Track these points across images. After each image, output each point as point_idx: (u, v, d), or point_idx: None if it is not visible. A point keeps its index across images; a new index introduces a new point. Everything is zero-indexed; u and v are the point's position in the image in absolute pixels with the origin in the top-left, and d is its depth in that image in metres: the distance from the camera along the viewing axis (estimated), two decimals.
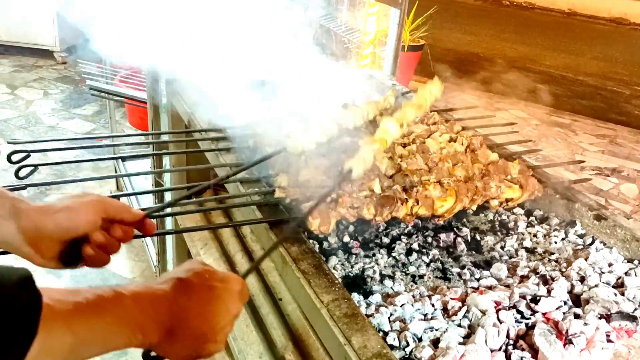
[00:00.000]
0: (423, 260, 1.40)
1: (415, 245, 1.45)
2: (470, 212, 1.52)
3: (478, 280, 1.33)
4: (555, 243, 1.50)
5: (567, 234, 1.53)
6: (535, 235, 1.54)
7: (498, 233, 1.56)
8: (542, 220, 1.61)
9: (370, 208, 1.29)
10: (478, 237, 1.53)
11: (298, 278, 1.10)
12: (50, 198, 3.47)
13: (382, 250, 1.43)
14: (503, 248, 1.48)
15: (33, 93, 5.24)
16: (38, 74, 5.68)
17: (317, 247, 1.40)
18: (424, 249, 1.45)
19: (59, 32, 5.77)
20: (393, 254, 1.42)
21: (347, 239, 1.44)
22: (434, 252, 1.44)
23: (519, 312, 1.18)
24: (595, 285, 1.28)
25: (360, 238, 1.46)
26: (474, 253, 1.47)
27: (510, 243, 1.49)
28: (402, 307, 1.18)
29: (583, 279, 1.31)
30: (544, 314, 1.17)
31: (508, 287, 1.29)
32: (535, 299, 1.21)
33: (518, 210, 1.64)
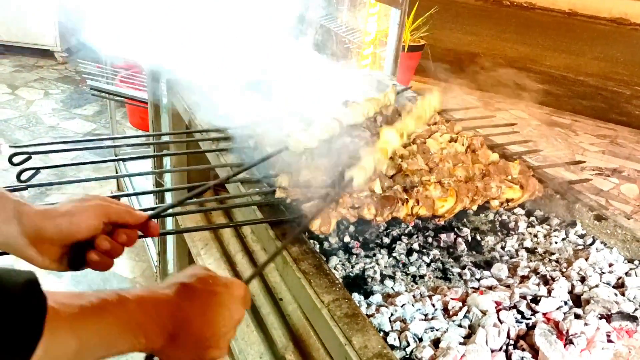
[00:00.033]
0: (423, 261, 1.40)
1: (416, 246, 1.45)
2: (471, 212, 1.52)
3: (478, 281, 1.33)
4: (556, 243, 1.50)
5: (567, 234, 1.53)
6: (536, 236, 1.54)
7: (498, 233, 1.56)
8: (542, 221, 1.61)
9: (371, 208, 1.29)
10: (478, 237, 1.53)
11: (299, 278, 1.10)
12: (51, 198, 3.47)
13: (382, 251, 1.43)
14: (503, 248, 1.48)
15: (34, 93, 5.25)
16: (38, 74, 5.69)
17: (317, 247, 1.40)
18: (425, 249, 1.45)
19: (60, 32, 5.77)
20: (394, 254, 1.42)
21: (347, 239, 1.44)
22: (435, 252, 1.44)
23: (520, 312, 1.18)
24: (596, 286, 1.28)
25: (361, 238, 1.46)
26: (475, 253, 1.47)
27: (511, 243, 1.50)
28: (402, 307, 1.18)
29: (583, 279, 1.31)
30: (545, 314, 1.17)
31: (508, 287, 1.29)
32: (536, 299, 1.21)
33: (518, 211, 1.64)
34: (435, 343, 1.08)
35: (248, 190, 1.37)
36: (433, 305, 1.20)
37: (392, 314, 1.15)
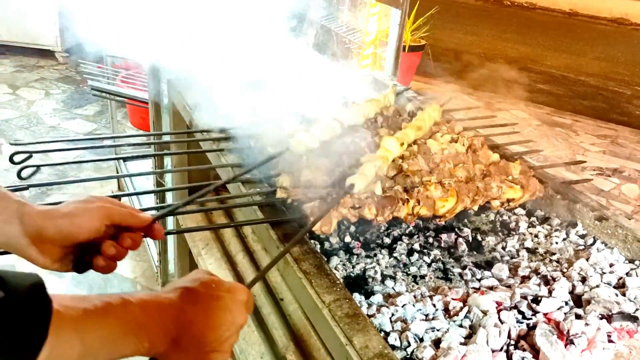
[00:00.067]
0: (424, 261, 1.40)
1: (417, 246, 1.45)
2: (472, 212, 1.53)
3: (479, 281, 1.33)
4: (557, 243, 1.50)
5: (568, 235, 1.53)
6: (537, 236, 1.54)
7: (499, 233, 1.56)
8: (543, 221, 1.61)
9: (372, 208, 1.29)
10: (479, 237, 1.53)
11: (300, 278, 1.10)
12: (52, 198, 3.47)
13: (383, 251, 1.43)
14: (504, 248, 1.48)
15: (34, 93, 5.25)
16: (39, 74, 5.69)
17: (318, 247, 1.40)
18: (425, 250, 1.45)
19: (60, 32, 5.78)
20: (394, 254, 1.42)
21: (348, 239, 1.45)
22: (435, 252, 1.44)
23: (520, 312, 1.18)
24: (597, 286, 1.28)
25: (362, 238, 1.46)
26: (475, 253, 1.47)
27: (512, 243, 1.50)
28: (403, 307, 1.18)
29: (584, 280, 1.31)
30: (545, 315, 1.17)
31: (509, 287, 1.29)
32: (537, 300, 1.21)
33: (519, 211, 1.64)
34: (436, 343, 1.08)
35: (249, 190, 1.37)
36: (434, 306, 1.20)
37: (392, 314, 1.15)
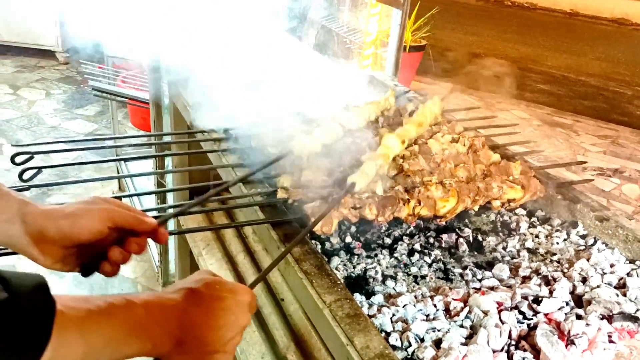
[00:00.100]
0: (425, 261, 1.40)
1: (417, 246, 1.45)
2: (472, 212, 1.53)
3: (480, 281, 1.33)
4: (557, 244, 1.50)
5: (569, 235, 1.53)
6: (537, 236, 1.54)
7: (500, 234, 1.56)
8: (544, 221, 1.61)
9: (373, 208, 1.29)
10: (480, 237, 1.53)
11: (300, 278, 1.10)
12: (53, 198, 3.47)
13: (384, 251, 1.43)
14: (505, 249, 1.48)
15: (35, 93, 5.26)
16: (40, 75, 5.70)
17: (319, 247, 1.40)
18: (426, 250, 1.45)
19: (61, 32, 5.78)
20: (395, 255, 1.42)
21: (349, 240, 1.45)
22: (436, 252, 1.44)
23: (521, 312, 1.18)
24: (597, 286, 1.28)
25: (363, 239, 1.47)
26: (476, 254, 1.47)
27: (512, 244, 1.50)
28: (404, 307, 1.18)
29: (585, 280, 1.31)
30: (546, 315, 1.17)
31: (510, 287, 1.29)
32: (537, 300, 1.21)
33: (520, 211, 1.64)
34: (437, 343, 1.08)
35: (250, 191, 1.37)
36: (435, 306, 1.20)
37: (393, 315, 1.15)
